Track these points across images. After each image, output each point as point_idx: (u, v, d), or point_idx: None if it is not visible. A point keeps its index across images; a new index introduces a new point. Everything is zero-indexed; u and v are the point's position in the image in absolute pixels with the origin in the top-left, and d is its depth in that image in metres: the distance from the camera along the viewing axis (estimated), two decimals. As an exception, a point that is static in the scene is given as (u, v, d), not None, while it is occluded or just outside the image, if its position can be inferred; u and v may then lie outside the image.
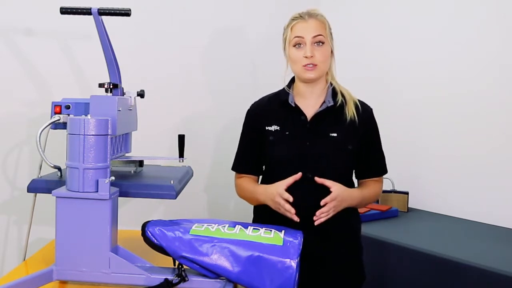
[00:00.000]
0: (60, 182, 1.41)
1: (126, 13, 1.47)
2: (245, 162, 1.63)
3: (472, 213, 2.23)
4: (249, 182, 1.61)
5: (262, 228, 1.32)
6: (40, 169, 1.56)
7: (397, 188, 2.41)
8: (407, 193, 2.37)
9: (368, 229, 1.98)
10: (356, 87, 1.66)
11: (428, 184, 2.41)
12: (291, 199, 1.42)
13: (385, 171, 1.64)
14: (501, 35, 2.13)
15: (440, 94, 2.35)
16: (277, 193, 1.45)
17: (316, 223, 1.44)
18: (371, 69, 2.62)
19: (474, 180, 2.23)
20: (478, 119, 2.22)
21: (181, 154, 1.54)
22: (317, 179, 1.46)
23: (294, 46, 1.51)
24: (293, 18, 1.54)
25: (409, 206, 2.41)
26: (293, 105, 1.55)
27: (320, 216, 1.43)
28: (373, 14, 2.65)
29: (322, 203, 1.43)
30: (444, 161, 2.35)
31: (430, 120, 2.39)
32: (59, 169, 1.50)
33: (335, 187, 1.45)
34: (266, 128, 1.56)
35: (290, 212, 1.42)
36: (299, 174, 1.46)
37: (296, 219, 1.43)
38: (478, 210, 2.21)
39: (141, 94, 1.56)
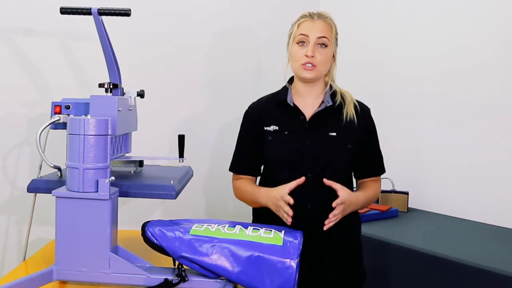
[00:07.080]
0: (60, 182, 1.41)
1: (126, 13, 1.47)
2: (243, 163, 1.62)
3: (472, 213, 2.23)
4: (248, 184, 1.60)
5: (262, 228, 1.32)
6: (40, 169, 1.56)
7: (397, 188, 2.41)
8: (407, 193, 2.37)
9: (368, 229, 1.98)
10: (355, 87, 1.66)
11: (428, 184, 2.41)
12: (291, 201, 1.40)
13: (384, 171, 1.64)
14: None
15: (440, 94, 2.35)
16: (280, 196, 1.42)
17: (325, 228, 1.41)
18: (370, 69, 2.62)
19: (474, 180, 2.23)
20: (477, 118, 2.22)
21: (181, 154, 1.54)
22: (325, 181, 1.43)
23: (298, 43, 1.51)
24: (302, 16, 1.54)
25: (409, 206, 2.40)
26: (292, 104, 1.55)
27: (331, 220, 1.41)
28: (373, 14, 2.65)
29: (334, 204, 1.40)
30: (444, 161, 2.34)
31: (430, 120, 2.39)
32: (59, 169, 1.50)
33: (342, 192, 1.42)
34: (265, 128, 1.56)
35: (288, 214, 1.39)
36: (302, 179, 1.44)
37: (289, 222, 1.40)
38: (478, 210, 2.21)
39: (141, 94, 1.56)
